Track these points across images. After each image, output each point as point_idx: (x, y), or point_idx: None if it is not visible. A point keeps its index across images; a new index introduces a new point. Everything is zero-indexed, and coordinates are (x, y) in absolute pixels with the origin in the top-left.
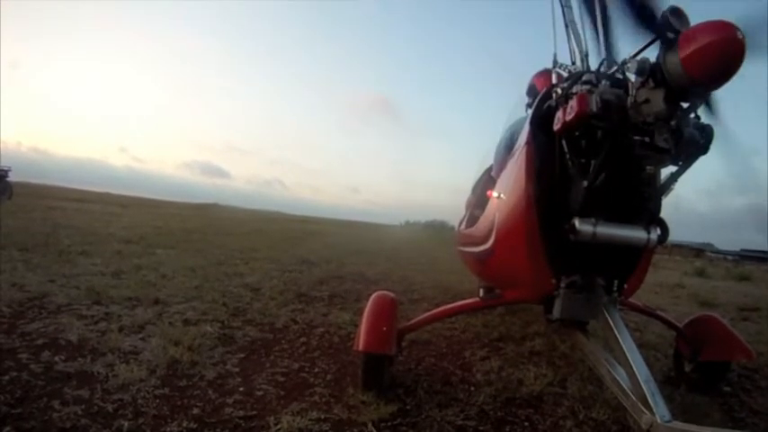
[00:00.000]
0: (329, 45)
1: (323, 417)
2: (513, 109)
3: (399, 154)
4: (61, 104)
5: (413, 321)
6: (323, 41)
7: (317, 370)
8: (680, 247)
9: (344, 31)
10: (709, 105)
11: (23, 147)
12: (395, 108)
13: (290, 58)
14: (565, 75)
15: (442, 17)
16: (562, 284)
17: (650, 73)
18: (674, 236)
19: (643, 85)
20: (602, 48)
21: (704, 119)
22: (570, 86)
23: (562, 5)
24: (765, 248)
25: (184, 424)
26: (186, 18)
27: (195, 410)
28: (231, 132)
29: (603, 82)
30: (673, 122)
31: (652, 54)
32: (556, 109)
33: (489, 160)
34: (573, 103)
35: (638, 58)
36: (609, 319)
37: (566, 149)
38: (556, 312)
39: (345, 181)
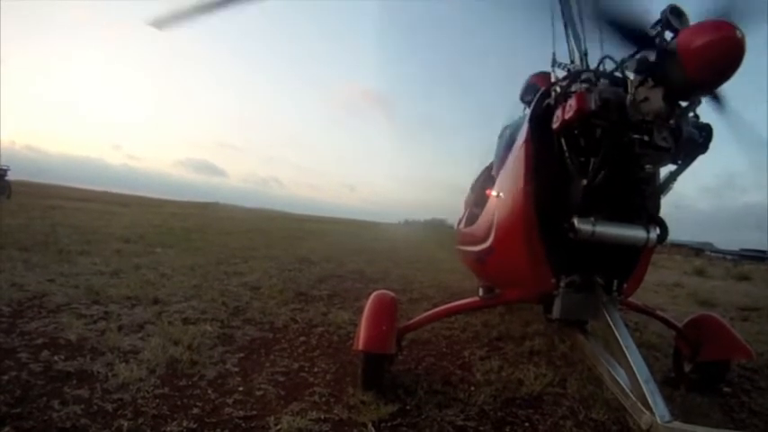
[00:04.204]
0: (326, 42)
1: (323, 417)
2: (512, 107)
3: (396, 151)
4: (54, 102)
5: (413, 321)
6: (319, 38)
7: (316, 369)
8: (679, 246)
9: (341, 28)
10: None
11: (17, 145)
12: (391, 105)
13: (286, 55)
14: (564, 73)
15: (440, 15)
16: (562, 284)
17: (649, 71)
18: (674, 235)
19: (642, 83)
20: (601, 46)
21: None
22: (569, 85)
23: (561, 4)
24: (765, 248)
25: (184, 424)
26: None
27: (195, 410)
28: (227, 130)
29: (602, 80)
30: (672, 121)
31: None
32: (555, 107)
33: (488, 158)
34: (572, 101)
35: (637, 56)
36: (608, 318)
37: (565, 148)
38: (555, 312)
39: (342, 179)
